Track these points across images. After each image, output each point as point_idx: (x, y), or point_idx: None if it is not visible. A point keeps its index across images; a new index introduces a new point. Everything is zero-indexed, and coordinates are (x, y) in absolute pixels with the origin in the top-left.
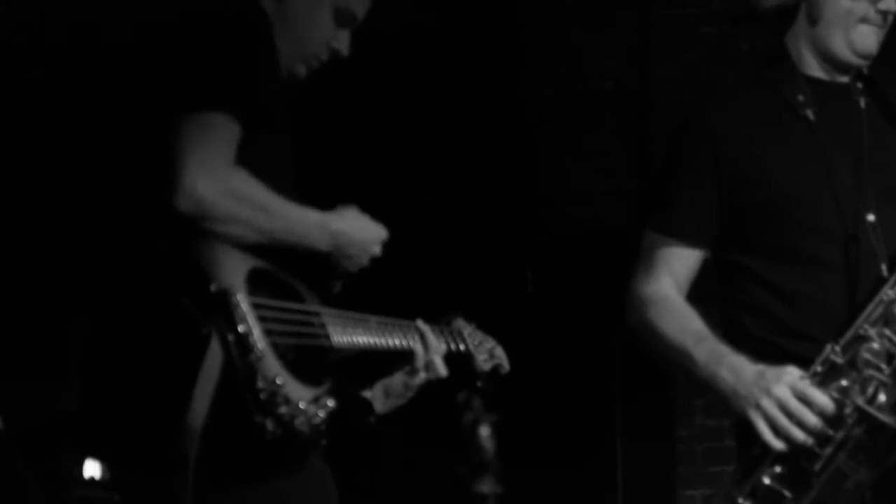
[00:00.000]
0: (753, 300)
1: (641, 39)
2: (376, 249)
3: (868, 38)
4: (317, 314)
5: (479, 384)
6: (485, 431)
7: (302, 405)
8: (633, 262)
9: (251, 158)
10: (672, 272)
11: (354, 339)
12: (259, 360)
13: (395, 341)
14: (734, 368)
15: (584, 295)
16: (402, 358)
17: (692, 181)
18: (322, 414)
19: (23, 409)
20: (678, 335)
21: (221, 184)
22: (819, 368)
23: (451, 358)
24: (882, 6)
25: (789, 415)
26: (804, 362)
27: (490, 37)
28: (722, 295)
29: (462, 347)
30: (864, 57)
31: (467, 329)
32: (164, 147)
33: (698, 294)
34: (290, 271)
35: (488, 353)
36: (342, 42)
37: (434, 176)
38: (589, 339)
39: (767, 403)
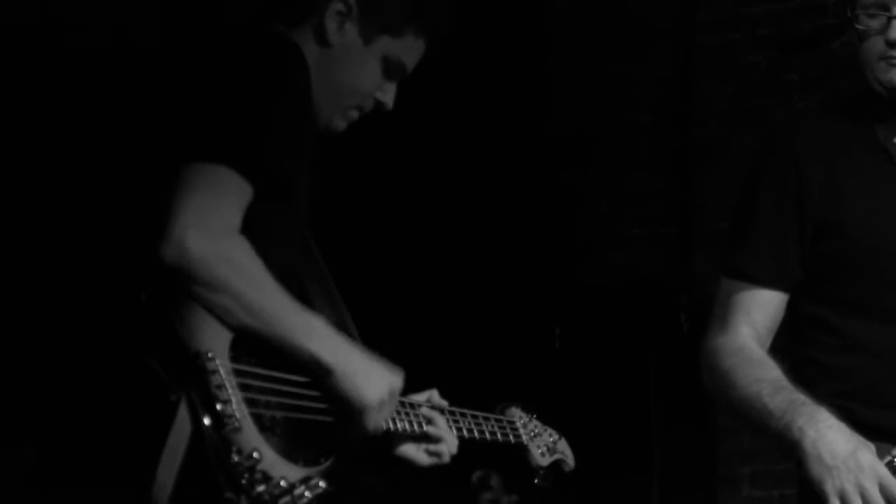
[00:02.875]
0: (826, 358)
1: (683, 68)
2: (374, 399)
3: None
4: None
5: (536, 481)
6: None
7: (283, 484)
8: (671, 317)
9: (258, 217)
10: (751, 322)
11: None
12: (235, 432)
13: (399, 424)
14: (818, 426)
15: (616, 354)
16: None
17: (772, 218)
18: (309, 495)
19: None
20: (753, 384)
21: (214, 245)
22: None
23: (503, 449)
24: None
25: None
26: (877, 432)
27: (516, 66)
28: (791, 350)
29: (513, 439)
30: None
31: (522, 419)
32: (162, 193)
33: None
34: None
35: (547, 446)
36: (388, 94)
37: (453, 221)
38: (622, 402)
39: (852, 491)
